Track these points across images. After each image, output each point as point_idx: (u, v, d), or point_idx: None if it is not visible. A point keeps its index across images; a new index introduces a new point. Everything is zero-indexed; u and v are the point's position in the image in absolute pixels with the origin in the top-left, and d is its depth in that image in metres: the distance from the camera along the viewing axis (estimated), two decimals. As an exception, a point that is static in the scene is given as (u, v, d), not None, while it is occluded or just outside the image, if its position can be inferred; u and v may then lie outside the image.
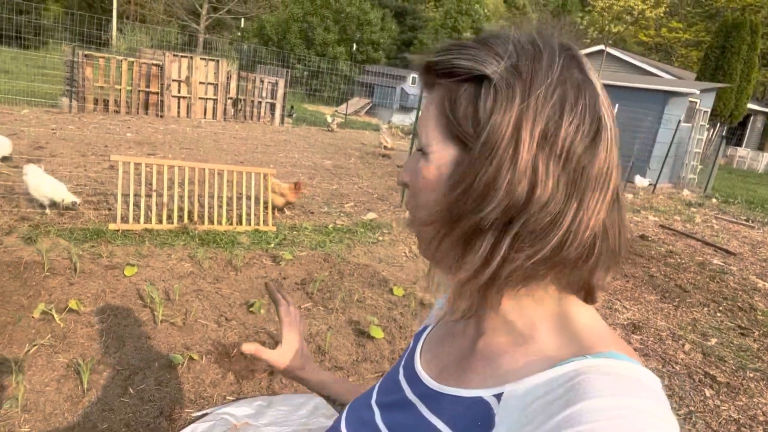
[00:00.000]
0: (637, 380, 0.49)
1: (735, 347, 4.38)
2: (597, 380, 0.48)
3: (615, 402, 0.45)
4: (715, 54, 20.63)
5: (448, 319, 0.72)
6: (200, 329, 3.46)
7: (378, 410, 0.71)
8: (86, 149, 8.04)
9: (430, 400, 0.63)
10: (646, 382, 0.49)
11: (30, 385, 2.70)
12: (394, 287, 4.53)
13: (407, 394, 0.68)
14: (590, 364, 0.50)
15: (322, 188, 7.94)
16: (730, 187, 15.47)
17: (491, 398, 0.55)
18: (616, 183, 0.57)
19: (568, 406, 0.47)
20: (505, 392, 0.54)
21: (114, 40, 24.86)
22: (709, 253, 7.44)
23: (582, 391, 0.47)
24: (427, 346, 0.74)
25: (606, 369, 0.49)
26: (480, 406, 0.56)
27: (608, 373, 0.49)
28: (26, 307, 3.35)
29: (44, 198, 4.88)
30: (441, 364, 0.68)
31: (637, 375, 0.49)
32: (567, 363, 0.52)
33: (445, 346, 0.70)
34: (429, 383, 0.65)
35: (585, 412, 0.45)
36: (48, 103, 12.11)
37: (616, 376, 0.48)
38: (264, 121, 14.94)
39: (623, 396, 0.46)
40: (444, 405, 0.60)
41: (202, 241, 4.85)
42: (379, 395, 0.74)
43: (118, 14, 28.81)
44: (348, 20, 30.76)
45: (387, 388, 0.74)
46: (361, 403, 0.77)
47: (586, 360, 0.51)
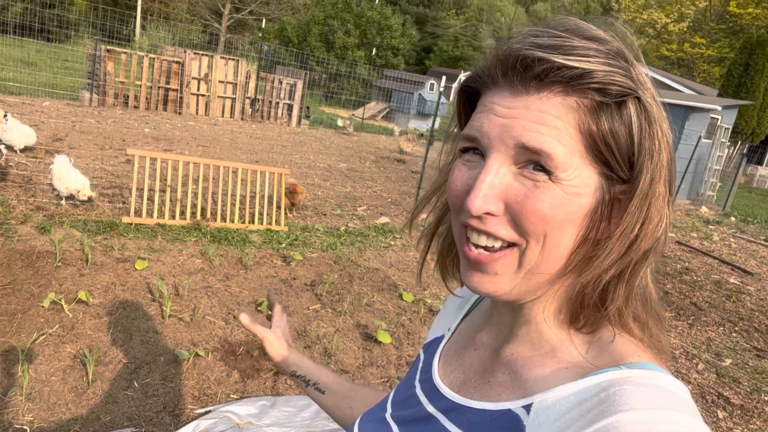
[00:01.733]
0: (673, 392, 0.48)
1: (750, 369, 4.28)
2: (633, 392, 0.47)
3: (651, 415, 0.44)
4: (738, 71, 20.37)
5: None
6: (207, 326, 3.45)
7: (395, 425, 0.69)
8: (104, 143, 8.12)
9: (453, 414, 0.61)
10: (680, 394, 0.48)
11: (36, 374, 2.70)
12: (403, 292, 4.49)
13: (427, 408, 0.66)
14: (625, 375, 0.49)
15: (336, 191, 7.94)
16: (749, 206, 15.22)
17: (520, 410, 0.54)
18: None
19: (603, 417, 0.45)
20: (535, 403, 0.53)
21: (137, 36, 25.18)
22: (726, 272, 7.30)
23: (618, 402, 0.46)
24: (445, 358, 0.72)
25: (641, 380, 0.48)
26: (509, 418, 0.54)
27: (644, 385, 0.48)
28: (36, 296, 3.37)
29: (66, 189, 4.91)
30: (462, 376, 0.66)
31: (672, 387, 0.48)
32: (601, 373, 0.51)
33: (466, 358, 0.68)
34: (451, 396, 0.63)
35: (621, 425, 0.44)
36: (69, 96, 12.27)
37: (651, 388, 0.47)
38: (281, 121, 15.00)
39: (659, 409, 0.45)
40: (469, 419, 0.59)
41: (213, 238, 4.85)
42: (395, 409, 0.72)
43: (142, 11, 29.19)
44: (368, 25, 30.88)
45: (403, 402, 0.72)
46: (374, 417, 0.75)
47: (621, 371, 0.50)
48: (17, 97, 11.22)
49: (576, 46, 0.50)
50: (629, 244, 0.52)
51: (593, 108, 0.50)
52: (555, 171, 0.50)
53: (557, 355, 0.57)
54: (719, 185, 14.49)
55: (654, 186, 0.51)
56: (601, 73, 0.49)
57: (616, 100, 0.50)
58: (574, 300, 0.56)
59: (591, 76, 0.49)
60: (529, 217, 0.51)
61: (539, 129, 0.50)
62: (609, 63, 0.50)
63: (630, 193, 0.52)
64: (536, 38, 0.51)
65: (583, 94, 0.50)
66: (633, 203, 0.51)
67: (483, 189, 0.52)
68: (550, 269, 0.54)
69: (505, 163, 0.52)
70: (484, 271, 0.55)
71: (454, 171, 0.58)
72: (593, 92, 0.50)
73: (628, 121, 0.51)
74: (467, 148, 0.57)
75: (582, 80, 0.50)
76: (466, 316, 0.78)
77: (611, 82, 0.50)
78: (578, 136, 0.50)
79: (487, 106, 0.54)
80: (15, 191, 5.12)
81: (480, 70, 0.57)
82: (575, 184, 0.51)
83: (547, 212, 0.51)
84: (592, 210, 0.52)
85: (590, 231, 0.53)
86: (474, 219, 0.54)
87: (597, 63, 0.50)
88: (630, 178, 0.52)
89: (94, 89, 11.82)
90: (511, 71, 0.52)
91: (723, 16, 36.37)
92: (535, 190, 0.51)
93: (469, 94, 0.61)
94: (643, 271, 0.54)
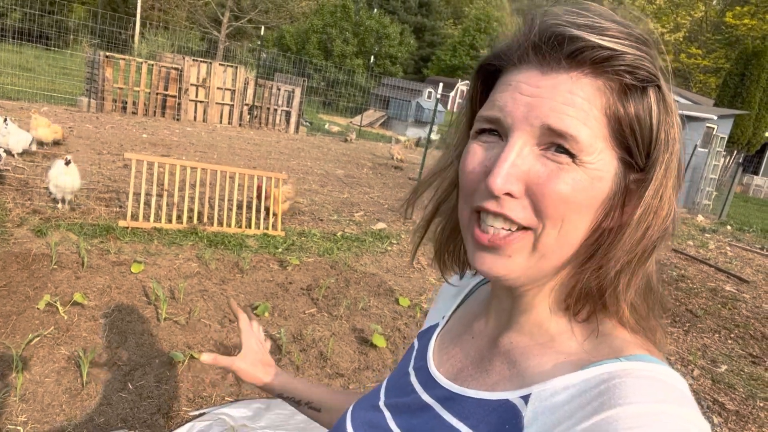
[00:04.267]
0: (672, 385, 0.47)
1: (746, 375, 4.28)
2: (633, 385, 0.46)
3: (651, 408, 0.44)
4: (734, 81, 20.53)
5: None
6: (203, 329, 3.44)
7: (389, 412, 0.68)
8: (102, 148, 8.12)
9: (449, 402, 0.60)
10: (679, 387, 0.48)
11: (30, 375, 2.69)
12: (400, 297, 4.49)
13: (422, 396, 0.65)
14: (624, 367, 0.49)
15: (333, 197, 7.95)
16: (745, 215, 15.28)
17: (518, 400, 0.53)
18: None
19: (603, 409, 0.45)
20: (533, 393, 0.52)
21: (136, 43, 25.25)
22: (722, 280, 7.32)
23: (617, 395, 0.45)
24: (440, 346, 0.71)
25: (641, 373, 0.48)
26: (506, 408, 0.53)
27: (643, 378, 0.47)
28: (32, 299, 3.36)
29: (59, 192, 4.89)
30: (459, 364, 0.65)
31: (671, 380, 0.48)
32: (600, 365, 0.50)
33: (463, 347, 0.67)
34: (447, 385, 0.62)
35: (621, 418, 0.43)
36: (67, 101, 12.28)
37: (651, 381, 0.47)
38: (279, 128, 15.03)
39: (660, 402, 0.44)
40: (466, 408, 0.57)
41: (210, 243, 4.85)
42: (388, 396, 0.71)
43: (141, 18, 29.31)
44: (367, 33, 31.05)
45: (397, 390, 0.71)
46: (367, 404, 0.73)
47: (620, 363, 0.50)
48: (16, 102, 11.23)
49: (609, 27, 0.50)
50: (642, 234, 0.51)
51: (620, 92, 0.50)
52: (579, 154, 0.49)
53: (556, 345, 0.56)
54: (715, 194, 14.54)
55: (667, 176, 0.51)
56: (631, 56, 0.49)
57: (641, 85, 0.50)
58: (578, 289, 0.55)
59: (622, 58, 0.49)
60: (551, 199, 0.50)
61: (566, 110, 0.49)
62: (638, 47, 0.50)
63: (644, 182, 0.52)
64: (571, 17, 0.51)
65: (612, 77, 0.50)
66: (648, 193, 0.51)
67: (505, 168, 0.50)
68: (563, 255, 0.54)
69: (528, 143, 0.51)
70: (498, 254, 0.54)
71: (468, 152, 0.56)
72: (623, 75, 0.50)
73: (649, 108, 0.51)
74: (484, 130, 0.55)
75: (613, 62, 0.49)
76: (461, 304, 0.77)
77: (640, 66, 0.49)
78: (604, 120, 0.50)
79: (512, 85, 0.53)
80: (12, 194, 5.12)
81: (505, 47, 0.56)
82: (598, 168, 0.50)
83: (569, 195, 0.50)
84: (609, 196, 0.52)
85: (604, 219, 0.53)
86: (491, 201, 0.52)
87: (629, 46, 0.49)
88: (646, 166, 0.52)
89: (92, 95, 11.83)
90: (544, 47, 0.51)
91: (719, 26, 36.68)
92: (558, 172, 0.50)
93: (487, 74, 0.59)
94: (650, 261, 0.53)
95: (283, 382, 0.98)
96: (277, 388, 0.97)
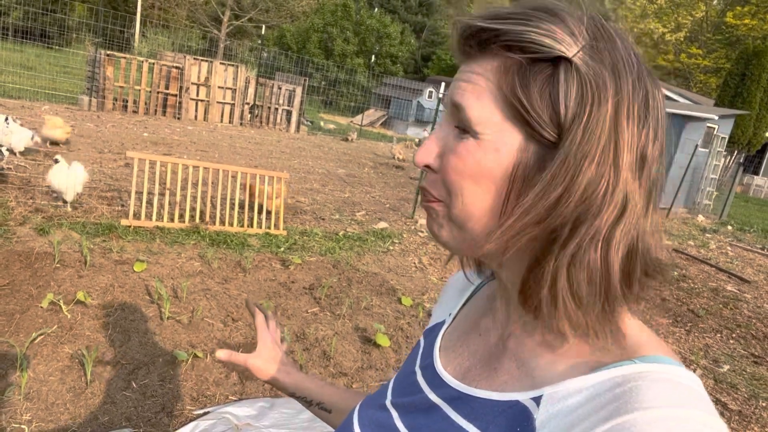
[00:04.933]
0: (689, 387, 0.46)
1: (748, 375, 4.28)
2: (649, 388, 0.45)
3: (669, 413, 0.43)
4: (734, 81, 20.52)
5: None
6: (206, 328, 3.44)
7: (395, 412, 0.67)
8: (103, 146, 8.12)
9: (457, 403, 0.59)
10: (696, 389, 0.47)
11: (34, 374, 2.69)
12: (402, 296, 4.49)
13: (429, 396, 0.63)
14: (640, 369, 0.48)
15: (335, 196, 7.95)
16: (746, 215, 15.29)
17: (529, 402, 0.52)
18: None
19: (619, 414, 0.44)
20: (545, 395, 0.51)
21: (137, 42, 25.24)
22: (723, 280, 7.32)
23: (634, 399, 0.45)
24: (446, 345, 0.70)
25: (657, 375, 0.47)
26: (517, 410, 0.52)
27: (660, 380, 0.46)
28: (35, 297, 3.36)
29: (59, 189, 4.89)
30: (467, 363, 0.63)
31: (687, 381, 0.47)
32: (615, 367, 0.49)
33: (470, 345, 0.66)
34: (455, 385, 0.61)
35: (639, 423, 0.42)
36: (68, 100, 12.28)
37: (668, 384, 0.46)
38: (279, 127, 15.03)
39: (677, 406, 0.44)
40: (475, 408, 0.56)
41: (212, 242, 4.85)
42: (395, 396, 0.70)
43: (142, 17, 29.29)
44: (368, 33, 31.03)
45: (403, 389, 0.69)
46: (374, 403, 0.72)
47: (636, 365, 0.49)
48: (17, 100, 11.22)
49: (503, 10, 0.52)
50: (548, 207, 0.49)
51: (519, 70, 0.51)
52: (473, 127, 0.52)
53: (566, 344, 0.55)
54: (716, 194, 14.54)
55: (583, 148, 0.48)
56: (513, 32, 0.50)
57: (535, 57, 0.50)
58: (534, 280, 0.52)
59: (507, 35, 0.51)
60: (447, 171, 0.55)
61: (464, 86, 0.54)
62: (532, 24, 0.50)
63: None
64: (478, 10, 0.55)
65: (509, 56, 0.51)
66: (553, 163, 0.49)
67: (426, 143, 0.57)
68: (476, 226, 0.54)
69: (451, 123, 0.56)
70: (432, 219, 0.59)
71: None
72: (517, 53, 0.51)
73: (554, 83, 0.49)
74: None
75: (497, 40, 0.51)
76: (468, 300, 0.76)
77: (530, 41, 0.49)
78: (501, 96, 0.52)
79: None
80: (14, 193, 5.12)
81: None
82: (493, 140, 0.52)
83: (461, 167, 0.53)
84: (513, 168, 0.51)
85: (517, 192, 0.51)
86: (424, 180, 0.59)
87: (516, 24, 0.50)
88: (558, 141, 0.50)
89: (93, 93, 11.83)
90: (457, 42, 0.56)
91: (719, 26, 36.66)
92: (456, 146, 0.54)
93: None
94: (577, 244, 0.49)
95: (297, 381, 0.97)
96: (290, 387, 0.97)
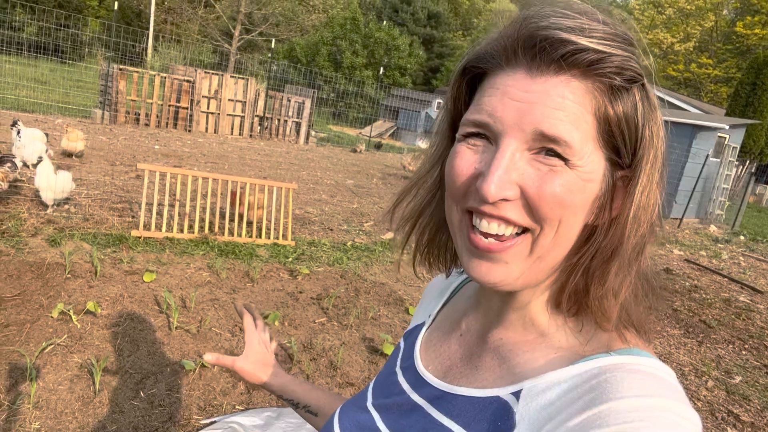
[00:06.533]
0: (662, 378, 0.48)
1: (761, 387, 4.22)
2: (624, 379, 0.47)
3: (643, 402, 0.44)
4: (745, 90, 20.40)
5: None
6: (214, 338, 3.46)
7: (377, 413, 0.67)
8: (115, 158, 8.22)
9: (439, 401, 0.59)
10: (670, 380, 0.48)
11: (43, 383, 2.71)
12: (410, 306, 4.48)
13: (411, 396, 0.64)
14: (615, 361, 0.49)
15: (343, 207, 7.97)
16: (759, 225, 15.11)
17: (509, 396, 0.53)
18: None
19: (594, 404, 0.45)
20: (524, 389, 0.52)
21: (149, 57, 25.60)
22: (736, 290, 7.23)
23: (609, 389, 0.46)
24: (427, 345, 0.70)
25: (631, 367, 0.48)
26: (498, 405, 0.53)
27: (635, 371, 0.48)
28: (45, 307, 3.39)
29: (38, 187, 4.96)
30: (447, 362, 0.64)
31: (661, 373, 0.48)
32: (591, 359, 0.51)
33: (451, 344, 0.66)
34: (436, 384, 0.61)
35: (613, 412, 0.44)
36: (81, 113, 12.45)
37: (642, 375, 0.47)
38: (289, 139, 15.14)
39: (651, 396, 0.45)
40: (457, 406, 0.57)
41: (221, 252, 4.88)
42: (376, 397, 0.70)
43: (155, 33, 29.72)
44: (376, 45, 31.25)
45: (384, 390, 0.69)
46: (355, 406, 0.72)
47: (611, 357, 0.50)
48: (30, 114, 11.40)
49: (596, 28, 0.49)
50: (635, 230, 0.51)
51: (609, 92, 0.50)
52: (571, 158, 0.49)
53: (546, 340, 0.56)
54: (728, 204, 14.41)
55: (653, 172, 0.51)
56: (619, 57, 0.49)
57: (628, 85, 0.50)
58: (570, 286, 0.55)
59: (611, 60, 0.49)
60: (546, 202, 0.50)
61: (558, 115, 0.49)
62: (624, 48, 0.50)
63: (630, 179, 0.52)
64: (558, 19, 0.50)
65: (600, 79, 0.50)
66: (638, 189, 0.51)
67: (498, 174, 0.50)
68: (559, 255, 0.53)
69: (520, 148, 0.51)
70: (494, 260, 0.53)
71: (456, 154, 0.55)
72: (611, 77, 0.50)
73: (635, 107, 0.51)
74: (472, 133, 0.54)
75: (602, 64, 0.49)
76: (447, 301, 0.76)
77: (627, 67, 0.49)
78: (594, 122, 0.50)
79: (500, 89, 0.52)
80: (26, 205, 5.19)
81: (491, 49, 0.54)
82: (589, 170, 0.50)
83: (565, 197, 0.50)
84: (599, 196, 0.52)
85: (594, 217, 0.53)
86: (486, 205, 0.52)
87: (616, 47, 0.49)
88: (632, 164, 0.52)
89: (106, 107, 12.00)
90: (533, 50, 0.50)
91: (729, 36, 36.53)
92: (552, 175, 0.50)
93: (471, 76, 0.58)
94: (643, 259, 0.53)
95: (283, 383, 0.97)
96: (277, 389, 0.97)
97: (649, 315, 0.55)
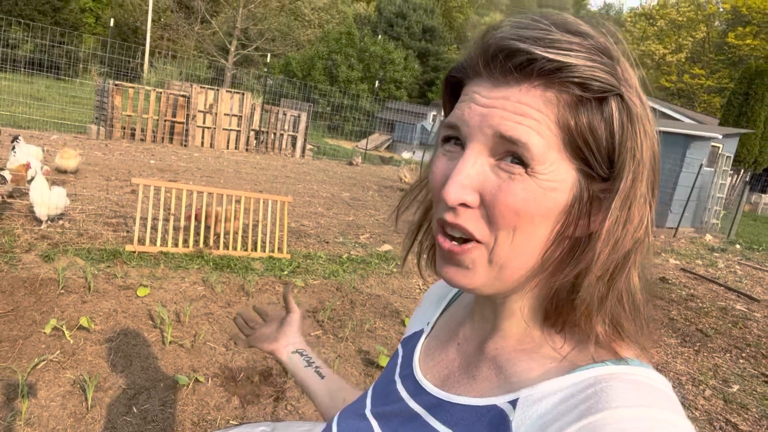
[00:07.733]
0: (658, 389, 0.48)
1: (759, 395, 4.21)
2: (619, 389, 0.47)
3: (638, 413, 0.44)
4: (738, 100, 20.59)
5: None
6: (208, 352, 3.44)
7: (375, 421, 0.67)
8: (110, 174, 8.22)
9: (437, 410, 0.59)
10: (665, 390, 0.48)
11: (35, 399, 2.69)
12: (406, 319, 4.47)
13: (409, 404, 0.64)
14: (611, 371, 0.50)
15: (339, 219, 7.97)
16: (754, 234, 15.17)
17: (506, 405, 0.53)
18: None
19: (590, 413, 0.45)
20: (521, 398, 0.52)
21: (145, 72, 25.70)
22: (732, 299, 7.24)
23: (604, 399, 0.46)
24: (425, 353, 0.70)
25: (627, 377, 0.49)
26: (495, 414, 0.53)
27: (630, 381, 0.48)
28: (38, 323, 3.37)
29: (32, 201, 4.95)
30: (446, 371, 0.64)
31: (656, 383, 0.49)
32: (586, 369, 0.51)
33: (449, 353, 0.67)
34: (434, 392, 0.62)
35: (608, 422, 0.44)
36: (77, 129, 12.47)
37: (637, 385, 0.48)
38: (285, 152, 15.17)
39: (646, 407, 0.45)
40: (454, 415, 0.57)
41: (216, 266, 4.87)
42: (375, 405, 0.70)
43: (151, 49, 29.86)
44: (372, 59, 31.45)
45: (383, 398, 0.70)
46: (353, 412, 0.72)
47: (606, 367, 0.50)
48: (26, 130, 11.41)
49: (558, 39, 0.49)
50: (612, 246, 0.50)
51: (573, 103, 0.49)
52: (531, 163, 0.49)
53: (542, 350, 0.56)
54: (723, 213, 14.46)
55: (636, 185, 0.50)
56: (581, 67, 0.48)
57: (597, 96, 0.49)
58: (549, 298, 0.55)
59: (571, 70, 0.48)
60: (501, 210, 0.50)
61: (518, 119, 0.49)
62: (591, 58, 0.49)
63: (611, 191, 0.51)
64: (519, 29, 0.51)
65: (564, 88, 0.49)
66: (615, 203, 0.50)
67: (459, 179, 0.51)
68: (523, 265, 0.53)
69: (483, 153, 0.52)
70: (458, 264, 0.55)
71: (435, 162, 0.57)
72: (574, 87, 0.49)
73: (609, 118, 0.49)
74: (449, 137, 0.56)
75: (562, 74, 0.49)
76: (445, 309, 0.77)
77: (592, 78, 0.48)
78: (557, 131, 0.49)
79: (469, 95, 0.54)
80: (20, 220, 5.18)
81: (463, 60, 0.57)
82: (551, 178, 0.50)
83: (519, 206, 0.50)
84: (568, 206, 0.51)
85: (567, 228, 0.52)
86: (449, 212, 0.53)
87: (578, 57, 0.48)
88: (610, 176, 0.51)
89: (101, 122, 12.02)
90: (491, 61, 0.51)
91: (721, 47, 36.91)
92: (509, 182, 0.50)
93: (453, 84, 0.60)
94: (624, 274, 0.52)
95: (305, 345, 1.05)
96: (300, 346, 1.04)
97: (646, 327, 0.54)
